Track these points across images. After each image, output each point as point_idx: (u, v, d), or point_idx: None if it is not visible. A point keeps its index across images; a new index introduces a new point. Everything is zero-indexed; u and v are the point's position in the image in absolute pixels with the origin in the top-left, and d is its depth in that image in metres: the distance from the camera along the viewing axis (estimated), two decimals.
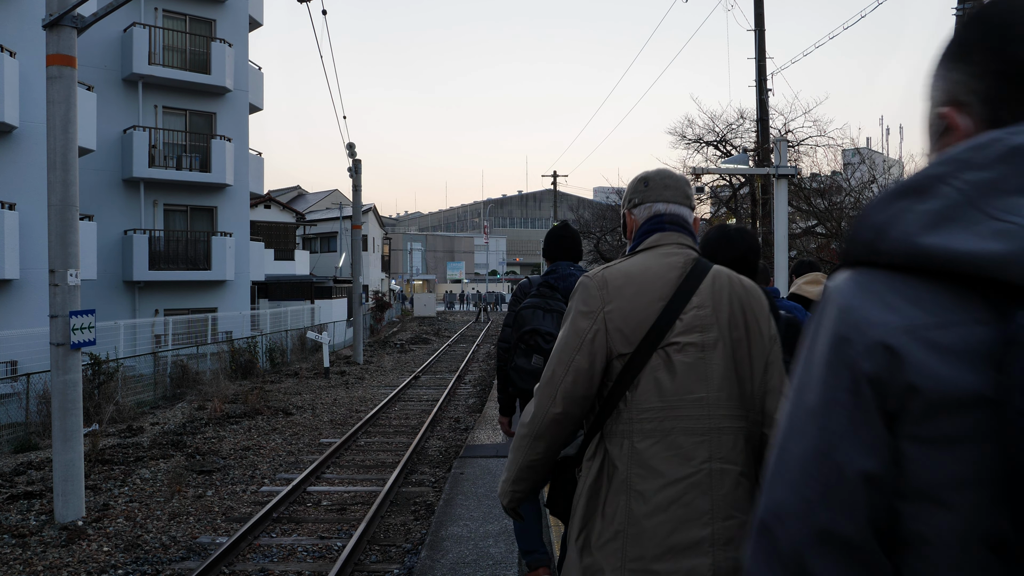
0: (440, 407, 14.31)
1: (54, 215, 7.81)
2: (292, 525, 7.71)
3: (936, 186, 0.89)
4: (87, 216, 18.14)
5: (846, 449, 0.87)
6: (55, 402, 7.82)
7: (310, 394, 16.76)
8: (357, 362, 23.40)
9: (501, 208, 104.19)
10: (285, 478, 9.59)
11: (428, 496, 8.61)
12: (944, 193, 0.88)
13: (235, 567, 6.46)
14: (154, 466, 10.00)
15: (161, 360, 17.55)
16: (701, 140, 23.32)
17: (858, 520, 0.85)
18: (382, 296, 44.68)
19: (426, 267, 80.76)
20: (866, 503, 0.86)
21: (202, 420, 13.32)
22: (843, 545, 0.85)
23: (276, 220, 35.22)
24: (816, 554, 0.86)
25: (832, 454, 0.87)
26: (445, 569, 5.34)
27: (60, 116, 7.83)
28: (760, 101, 17.69)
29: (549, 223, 66.55)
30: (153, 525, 7.64)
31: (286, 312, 27.06)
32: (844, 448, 0.87)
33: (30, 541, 7.08)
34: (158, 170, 22.50)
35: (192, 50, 23.51)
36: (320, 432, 12.54)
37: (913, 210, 0.89)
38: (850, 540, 0.85)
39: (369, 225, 45.58)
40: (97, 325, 8.18)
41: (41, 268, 14.59)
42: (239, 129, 25.02)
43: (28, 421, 12.40)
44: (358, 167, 24.93)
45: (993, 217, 0.84)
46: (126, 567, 6.47)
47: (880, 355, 0.86)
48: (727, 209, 24.32)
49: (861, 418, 0.87)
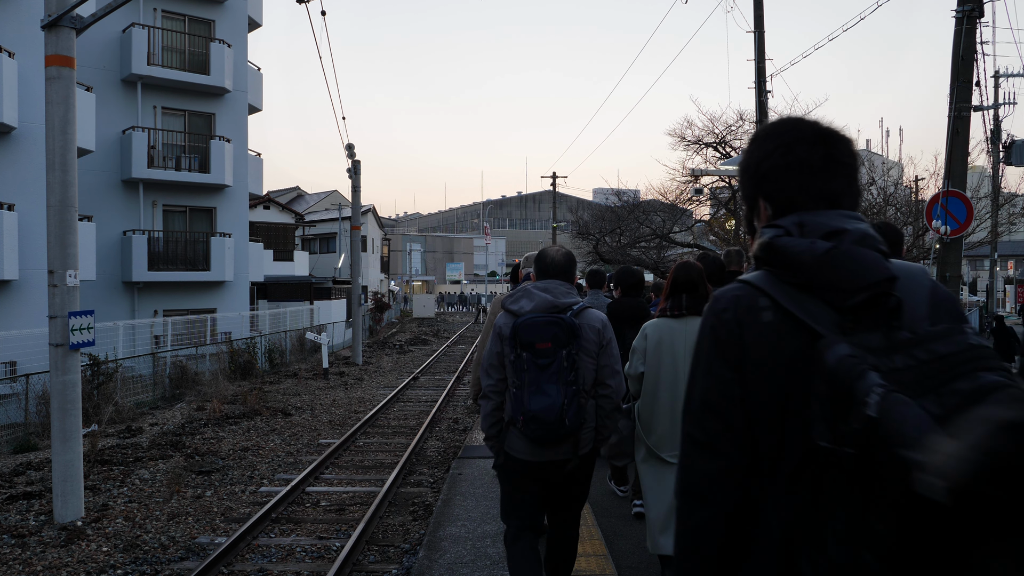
0: (439, 408, 14.32)
1: (53, 216, 7.82)
2: (291, 525, 7.72)
3: None
4: (86, 217, 18.15)
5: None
6: (54, 402, 7.82)
7: (309, 395, 16.76)
8: (356, 363, 23.41)
9: (500, 209, 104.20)
10: (284, 478, 9.60)
11: (427, 497, 8.62)
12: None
13: (234, 567, 6.46)
14: (153, 466, 10.01)
15: (160, 361, 17.56)
16: (700, 141, 23.34)
17: (726, 402, 1.44)
18: (381, 297, 44.68)
19: (425, 268, 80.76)
20: (728, 398, 1.44)
21: (201, 421, 13.33)
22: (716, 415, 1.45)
23: (275, 221, 35.23)
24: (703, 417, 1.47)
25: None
26: (443, 569, 5.35)
27: (59, 117, 7.84)
28: (759, 103, 17.70)
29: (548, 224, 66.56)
30: (152, 525, 7.64)
31: (285, 313, 27.07)
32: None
33: (29, 541, 7.09)
34: (157, 171, 22.51)
35: (191, 51, 23.52)
36: (319, 433, 12.55)
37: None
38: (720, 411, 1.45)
39: (368, 226, 45.58)
40: (96, 326, 8.19)
41: (40, 269, 14.59)
42: (238, 130, 25.03)
43: (27, 421, 12.41)
44: (357, 168, 24.93)
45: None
46: (125, 567, 6.47)
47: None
48: (726, 211, 24.32)
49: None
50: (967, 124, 10.53)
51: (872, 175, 20.02)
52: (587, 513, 6.46)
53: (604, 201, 34.45)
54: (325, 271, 42.34)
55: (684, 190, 23.60)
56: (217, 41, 23.78)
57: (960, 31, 10.37)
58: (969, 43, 10.42)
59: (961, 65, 10.43)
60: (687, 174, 23.24)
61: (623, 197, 28.04)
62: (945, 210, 9.65)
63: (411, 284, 75.08)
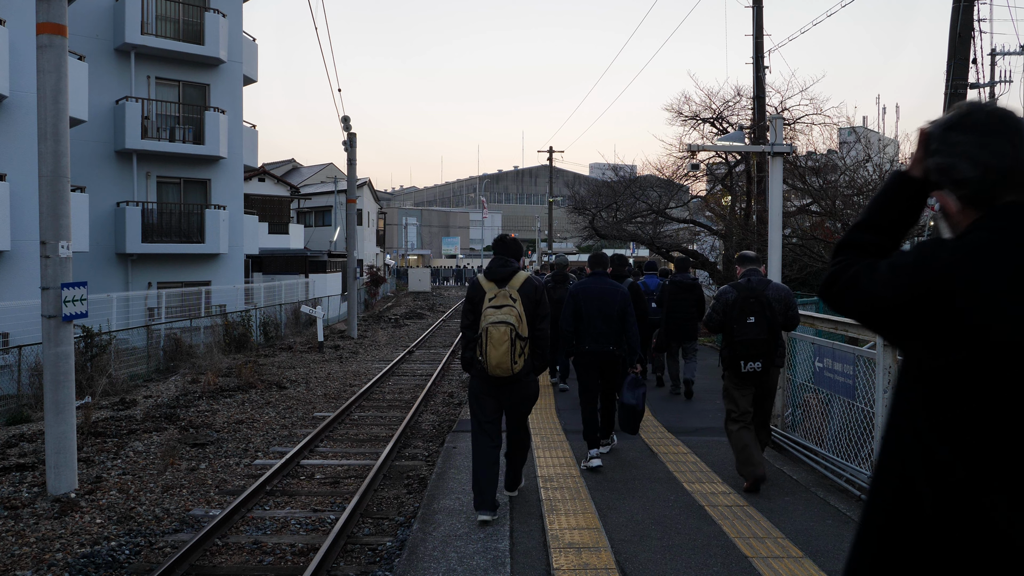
0: (434, 382, 14.34)
1: (45, 186, 7.74)
2: (285, 498, 7.74)
3: None
4: (79, 188, 18.02)
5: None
6: (47, 374, 7.80)
7: (304, 368, 16.77)
8: (351, 336, 23.41)
9: (497, 183, 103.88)
10: (279, 451, 9.61)
11: (421, 470, 8.64)
12: None
13: (228, 539, 6.48)
14: (147, 439, 10.01)
15: (154, 333, 17.52)
16: (698, 117, 23.20)
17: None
18: (377, 271, 44.61)
19: (421, 242, 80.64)
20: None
21: (195, 393, 13.33)
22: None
23: (270, 193, 35.05)
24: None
25: None
26: (437, 541, 5.37)
27: (51, 86, 7.74)
28: (757, 79, 17.60)
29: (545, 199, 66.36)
30: (146, 498, 7.66)
31: (280, 286, 27.01)
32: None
33: (22, 513, 7.09)
34: (151, 142, 22.34)
35: (185, 20, 23.22)
36: (314, 406, 12.56)
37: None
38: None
39: (364, 199, 45.40)
40: (89, 297, 8.15)
41: (32, 240, 14.51)
42: (233, 101, 24.81)
43: (20, 393, 12.39)
44: (353, 141, 24.77)
45: None
46: (119, 539, 6.49)
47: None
48: (722, 186, 24.26)
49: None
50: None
51: (868, 152, 19.96)
52: (581, 487, 6.50)
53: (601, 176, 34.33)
54: (320, 244, 42.22)
55: (681, 165, 23.49)
56: (212, 11, 23.47)
57: (958, 8, 10.33)
58: (967, 21, 10.39)
59: (958, 43, 10.40)
60: (684, 149, 23.12)
61: (619, 172, 27.95)
62: None
63: (407, 258, 74.99)
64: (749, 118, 20.04)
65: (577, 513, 5.87)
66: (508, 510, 5.98)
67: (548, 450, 7.91)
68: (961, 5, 10.27)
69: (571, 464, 7.33)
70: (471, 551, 5.18)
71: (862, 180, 18.61)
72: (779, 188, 11.93)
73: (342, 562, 6.07)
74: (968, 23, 10.37)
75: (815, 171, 19.76)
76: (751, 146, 16.38)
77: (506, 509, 6.00)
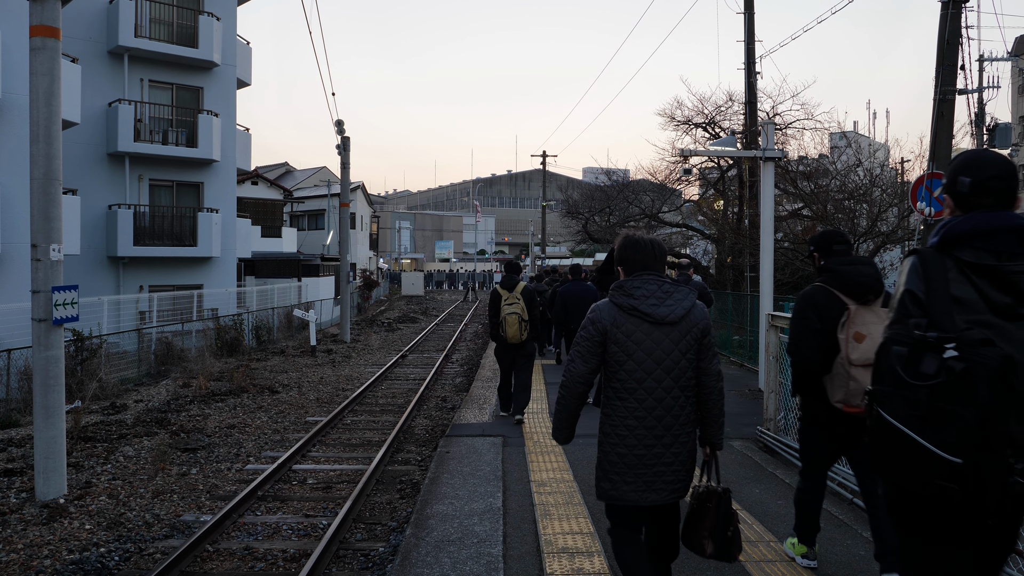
0: (427, 386, 14.31)
1: (36, 189, 7.70)
2: (277, 503, 7.70)
3: None
4: (71, 190, 17.92)
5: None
6: (37, 378, 7.75)
7: (296, 372, 16.71)
8: (344, 340, 23.35)
9: (490, 187, 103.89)
10: (270, 456, 9.57)
11: (414, 475, 8.61)
12: None
13: (219, 545, 6.44)
14: (138, 443, 9.96)
15: (145, 337, 17.44)
16: (690, 122, 23.28)
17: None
18: (370, 275, 44.54)
19: (414, 246, 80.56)
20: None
21: (187, 398, 13.27)
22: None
23: (263, 197, 34.95)
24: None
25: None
26: (430, 547, 5.35)
27: (43, 88, 7.71)
28: (748, 84, 17.64)
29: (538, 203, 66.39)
30: (136, 503, 7.61)
31: (273, 290, 26.92)
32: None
33: (10, 519, 7.03)
34: (144, 144, 22.25)
35: (179, 23, 23.17)
36: (306, 410, 12.52)
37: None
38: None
39: (357, 203, 45.35)
40: (80, 301, 8.12)
41: (23, 242, 14.44)
42: (226, 104, 24.74)
43: (9, 397, 12.30)
44: (347, 144, 24.75)
45: None
46: (108, 545, 6.44)
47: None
48: (715, 191, 24.33)
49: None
50: (952, 107, 10.63)
51: (859, 156, 20.04)
52: (574, 492, 6.49)
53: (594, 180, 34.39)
54: (313, 248, 42.13)
55: (673, 170, 23.58)
56: (205, 14, 23.42)
57: (946, 15, 10.41)
58: (955, 27, 10.47)
59: (947, 49, 10.48)
60: (676, 154, 23.19)
61: (613, 176, 28.02)
62: (930, 192, 9.74)
63: (400, 262, 74.89)
64: (741, 123, 20.10)
65: (570, 518, 5.85)
66: (502, 515, 5.96)
67: (541, 455, 7.90)
68: (949, 12, 10.35)
69: (564, 469, 7.32)
70: (464, 556, 5.16)
71: (853, 184, 18.68)
72: (771, 192, 11.96)
73: (334, 568, 6.04)
74: (956, 29, 10.45)
75: (807, 175, 19.84)
76: (743, 151, 16.42)
77: (499, 514, 5.98)
